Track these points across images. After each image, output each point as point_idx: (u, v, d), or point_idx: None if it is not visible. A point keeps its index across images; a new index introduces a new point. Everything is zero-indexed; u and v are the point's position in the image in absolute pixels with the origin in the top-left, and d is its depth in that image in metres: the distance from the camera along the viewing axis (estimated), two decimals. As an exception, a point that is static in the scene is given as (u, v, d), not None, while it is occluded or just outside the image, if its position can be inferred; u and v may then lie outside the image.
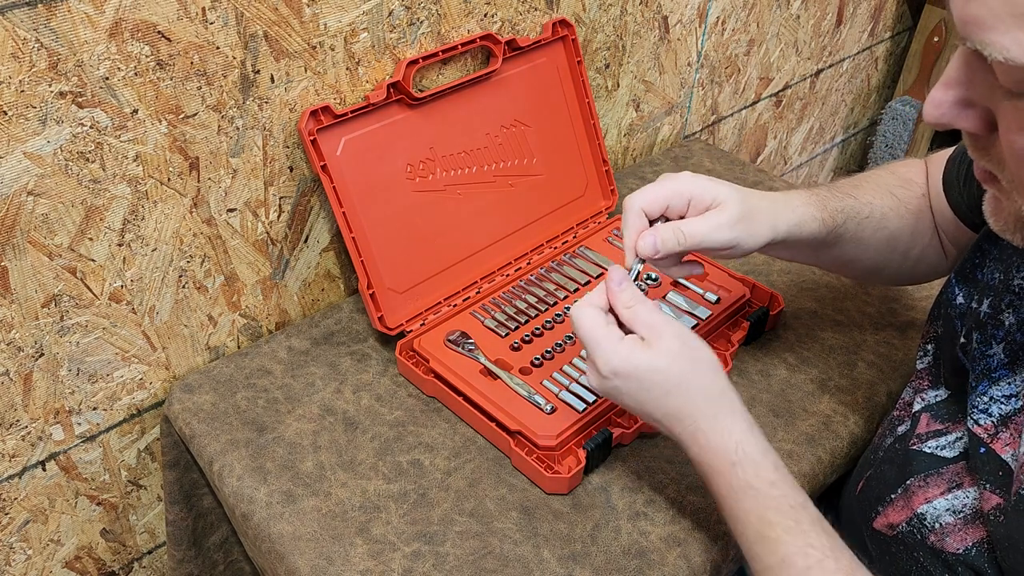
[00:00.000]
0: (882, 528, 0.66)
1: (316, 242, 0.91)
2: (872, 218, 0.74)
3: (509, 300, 0.90)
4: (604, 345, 0.62)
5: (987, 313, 0.61)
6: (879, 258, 0.77)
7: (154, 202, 0.76)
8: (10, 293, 0.71)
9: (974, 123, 0.47)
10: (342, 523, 0.70)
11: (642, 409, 0.63)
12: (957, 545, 0.59)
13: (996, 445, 0.57)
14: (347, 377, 0.84)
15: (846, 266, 0.79)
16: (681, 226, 0.65)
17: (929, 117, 0.48)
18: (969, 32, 0.42)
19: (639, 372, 0.61)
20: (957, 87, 0.47)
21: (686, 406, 0.61)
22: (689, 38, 1.22)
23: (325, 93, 0.83)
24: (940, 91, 0.47)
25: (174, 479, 0.83)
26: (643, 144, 1.27)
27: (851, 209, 0.73)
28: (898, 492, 0.65)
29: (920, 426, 0.66)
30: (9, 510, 0.81)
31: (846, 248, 0.75)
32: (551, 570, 0.67)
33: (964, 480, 0.60)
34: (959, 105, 0.47)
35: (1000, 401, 0.58)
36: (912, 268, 0.80)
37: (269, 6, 0.74)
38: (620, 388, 0.62)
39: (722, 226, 0.65)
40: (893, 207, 0.76)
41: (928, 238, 0.78)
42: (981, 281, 0.64)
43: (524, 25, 0.97)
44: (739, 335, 0.87)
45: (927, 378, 0.69)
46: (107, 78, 0.67)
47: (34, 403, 0.77)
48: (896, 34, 1.75)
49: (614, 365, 0.61)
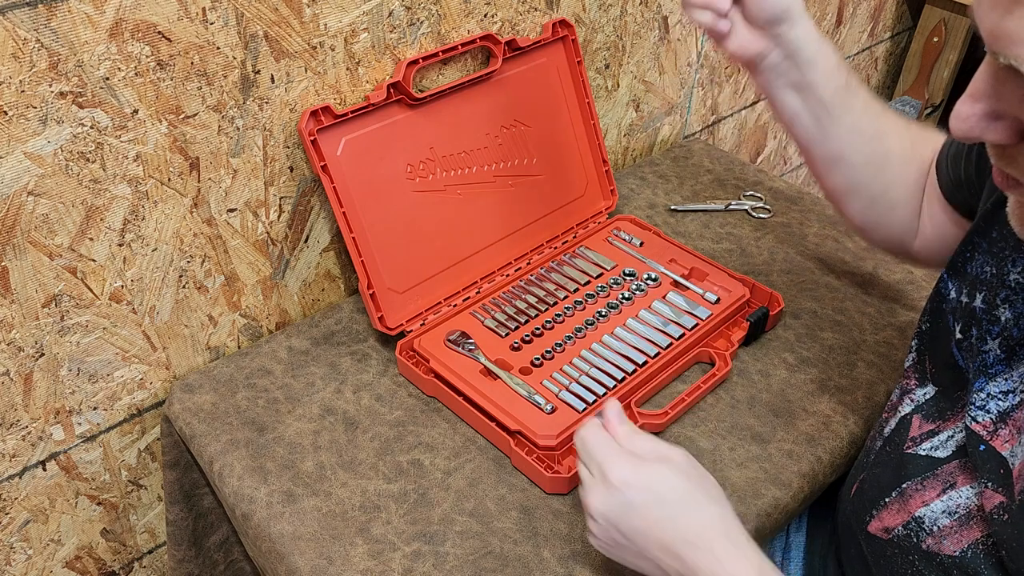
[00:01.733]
0: (877, 532, 0.65)
1: (316, 242, 0.91)
2: (877, 118, 0.74)
3: (509, 300, 0.90)
4: (616, 457, 0.59)
5: (982, 308, 0.61)
6: (862, 169, 0.76)
7: (154, 202, 0.76)
8: (10, 293, 0.71)
9: (1004, 135, 0.46)
10: (342, 523, 0.70)
11: (651, 533, 0.57)
12: (954, 547, 0.58)
13: (996, 442, 0.56)
14: (347, 377, 0.84)
15: (831, 161, 0.76)
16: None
17: (957, 131, 0.47)
18: (1002, 47, 0.42)
19: (653, 484, 0.58)
20: (985, 100, 0.46)
21: (701, 527, 0.57)
22: (689, 38, 1.22)
23: (325, 93, 0.83)
24: (967, 105, 0.46)
25: (174, 479, 0.83)
26: (643, 144, 1.27)
27: (863, 93, 0.73)
28: (893, 496, 0.64)
29: (913, 429, 0.66)
30: (9, 510, 0.81)
31: (843, 133, 0.73)
32: (551, 570, 0.67)
33: (957, 479, 0.60)
34: (988, 118, 0.46)
35: (998, 397, 0.57)
36: (882, 214, 0.78)
37: (269, 6, 0.74)
38: (632, 502, 0.57)
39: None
40: (897, 130, 0.76)
41: (912, 191, 0.77)
42: (971, 274, 0.63)
43: (524, 25, 0.97)
44: (739, 335, 0.87)
45: (913, 376, 0.68)
46: (107, 78, 0.67)
47: (34, 403, 0.77)
48: (896, 34, 1.75)
49: (626, 475, 0.58)
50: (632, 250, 0.98)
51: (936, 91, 1.75)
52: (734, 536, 0.57)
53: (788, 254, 1.02)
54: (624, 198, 1.11)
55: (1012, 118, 0.46)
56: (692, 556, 0.56)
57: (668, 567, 0.57)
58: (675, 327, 0.86)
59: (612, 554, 0.61)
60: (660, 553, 0.57)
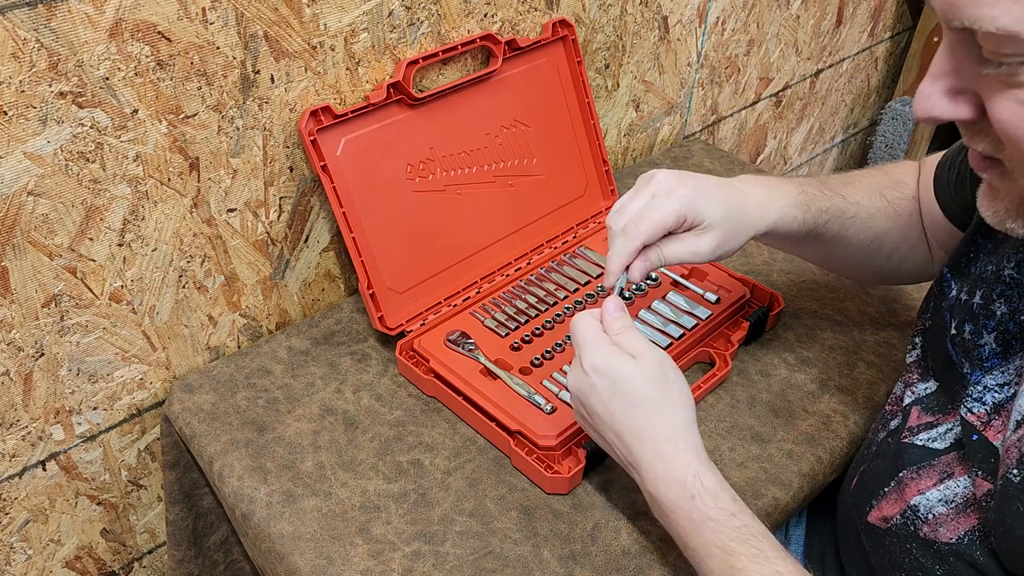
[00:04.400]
0: (876, 521, 0.66)
1: (316, 242, 0.91)
2: (858, 218, 0.76)
3: (509, 300, 0.90)
4: (593, 345, 0.64)
5: (979, 304, 0.62)
6: (862, 256, 0.79)
7: (154, 202, 0.76)
8: (10, 293, 0.71)
9: (965, 110, 0.48)
10: (342, 523, 0.70)
11: (606, 418, 0.63)
12: (950, 535, 0.59)
13: (988, 433, 0.57)
14: (347, 377, 0.84)
15: (827, 261, 0.83)
16: (664, 250, 0.68)
17: (920, 111, 0.49)
18: (956, 12, 0.43)
19: (616, 375, 0.62)
20: (944, 77, 0.48)
21: (650, 426, 0.62)
22: (689, 38, 1.22)
23: (325, 93, 0.83)
24: (927, 84, 0.48)
25: (174, 479, 0.83)
26: (643, 144, 1.27)
27: (837, 209, 0.75)
28: (891, 485, 0.65)
29: (911, 419, 0.67)
30: (9, 510, 0.81)
31: (828, 245, 0.77)
32: (551, 570, 0.67)
33: (955, 470, 0.61)
34: (948, 95, 0.48)
35: (994, 390, 0.58)
36: (896, 268, 0.81)
37: (269, 6, 0.74)
38: (595, 386, 0.63)
39: (702, 252, 0.68)
40: (881, 208, 0.77)
41: (914, 240, 0.79)
42: (974, 274, 0.64)
43: (524, 25, 0.97)
44: (739, 335, 0.87)
45: (916, 371, 0.69)
46: (107, 78, 0.67)
47: (34, 403, 0.77)
48: (896, 34, 1.75)
49: (596, 361, 0.63)
50: (632, 250, 0.98)
51: (936, 91, 1.75)
52: (681, 443, 0.62)
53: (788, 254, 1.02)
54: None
55: (972, 92, 0.47)
56: (638, 449, 0.62)
57: (619, 451, 0.64)
58: (675, 327, 0.86)
59: (584, 426, 0.68)
60: (613, 437, 0.64)
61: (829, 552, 0.78)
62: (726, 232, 0.69)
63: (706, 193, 0.68)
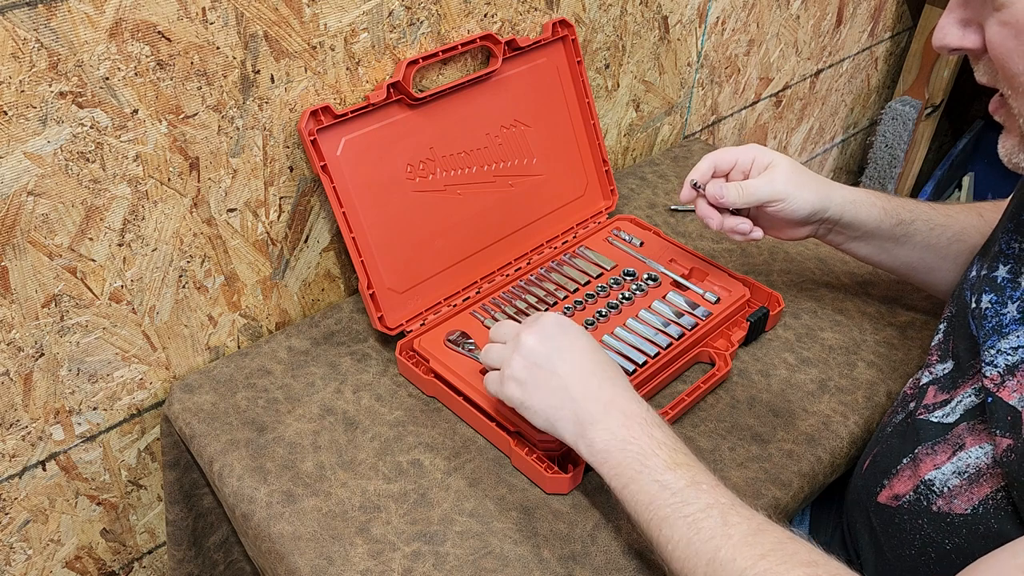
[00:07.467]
0: (886, 501, 0.68)
1: (316, 242, 0.91)
2: (949, 228, 0.79)
3: (509, 300, 0.90)
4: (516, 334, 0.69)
5: (1006, 278, 0.64)
6: (957, 270, 0.80)
7: (154, 202, 0.76)
8: (10, 293, 0.71)
9: (973, 39, 0.55)
10: (342, 523, 0.70)
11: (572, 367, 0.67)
12: (965, 506, 0.61)
13: (1003, 393, 0.59)
14: (347, 377, 0.84)
15: (917, 271, 0.84)
16: (743, 184, 0.79)
17: (936, 40, 0.57)
18: None
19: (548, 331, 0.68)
20: (956, 9, 0.56)
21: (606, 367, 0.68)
22: (689, 38, 1.22)
23: (325, 93, 0.83)
24: (944, 16, 0.57)
25: (174, 479, 0.83)
26: (643, 144, 1.27)
27: (922, 212, 0.79)
28: (904, 462, 0.67)
29: (927, 398, 0.68)
30: (9, 510, 0.81)
31: (917, 251, 0.80)
32: (551, 570, 0.67)
33: (966, 440, 0.63)
34: (960, 25, 0.56)
35: (1007, 353, 0.61)
36: None
37: (269, 6, 0.74)
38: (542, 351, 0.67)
39: (774, 181, 0.78)
40: (976, 225, 0.80)
41: None
42: (994, 251, 0.67)
43: (524, 25, 0.97)
44: (739, 335, 0.87)
45: (936, 353, 0.71)
46: (107, 78, 0.67)
47: (34, 403, 0.77)
48: (896, 34, 1.75)
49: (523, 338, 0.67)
50: (632, 250, 0.98)
51: (936, 91, 1.75)
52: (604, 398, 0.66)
53: (788, 254, 1.02)
54: (624, 198, 1.11)
55: (977, 24, 0.55)
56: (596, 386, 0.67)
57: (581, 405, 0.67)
58: (675, 327, 0.86)
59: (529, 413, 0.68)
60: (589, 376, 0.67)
61: (835, 537, 0.79)
62: (791, 173, 0.77)
63: (773, 151, 0.80)
